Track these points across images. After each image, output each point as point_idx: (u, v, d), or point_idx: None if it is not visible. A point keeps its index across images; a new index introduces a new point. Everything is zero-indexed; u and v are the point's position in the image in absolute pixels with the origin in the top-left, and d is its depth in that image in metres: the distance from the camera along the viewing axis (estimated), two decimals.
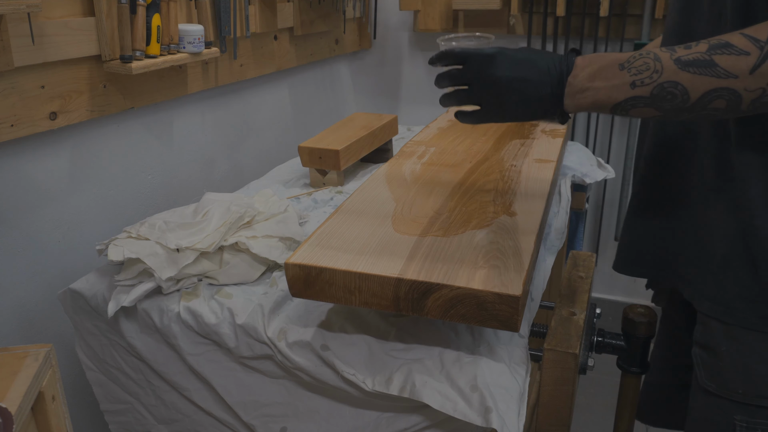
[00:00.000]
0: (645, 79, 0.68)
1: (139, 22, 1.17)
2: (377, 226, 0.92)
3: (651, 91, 0.68)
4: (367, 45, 2.32)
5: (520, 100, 0.76)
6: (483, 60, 0.77)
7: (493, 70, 0.76)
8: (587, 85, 0.72)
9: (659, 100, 0.68)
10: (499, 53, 0.76)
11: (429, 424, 0.87)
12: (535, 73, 0.75)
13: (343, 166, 1.43)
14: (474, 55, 0.78)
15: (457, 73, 0.80)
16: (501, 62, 0.76)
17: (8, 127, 1.06)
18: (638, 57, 0.69)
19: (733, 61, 0.63)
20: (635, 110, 0.70)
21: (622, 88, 0.69)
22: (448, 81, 0.81)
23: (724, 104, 0.65)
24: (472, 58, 0.78)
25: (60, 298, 1.09)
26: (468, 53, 0.78)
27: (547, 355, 0.88)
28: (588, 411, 1.93)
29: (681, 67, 0.66)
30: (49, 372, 0.68)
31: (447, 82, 0.82)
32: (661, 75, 0.67)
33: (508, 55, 0.76)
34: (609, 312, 2.12)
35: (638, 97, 0.69)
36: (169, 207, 1.44)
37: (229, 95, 1.64)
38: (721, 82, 0.64)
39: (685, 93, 0.66)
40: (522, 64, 0.75)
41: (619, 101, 0.70)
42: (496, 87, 0.76)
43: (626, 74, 0.69)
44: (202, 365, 1.00)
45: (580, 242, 1.85)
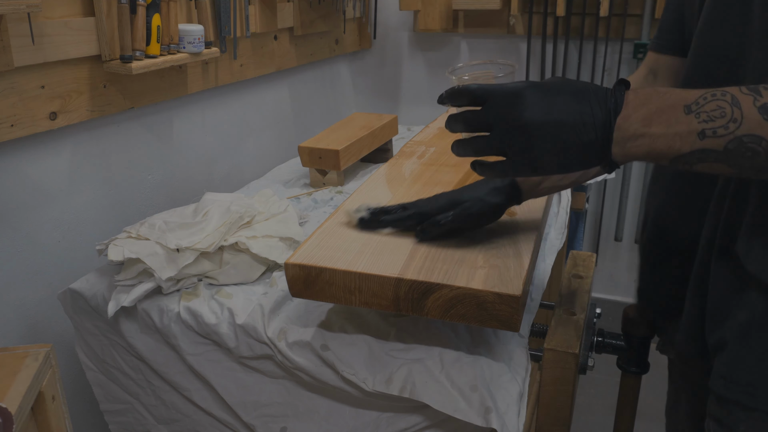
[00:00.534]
0: (718, 128, 0.54)
1: (139, 22, 1.17)
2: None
3: (726, 144, 0.55)
4: (367, 45, 2.32)
5: (557, 150, 0.61)
6: (507, 99, 0.62)
7: (521, 112, 0.61)
8: (642, 130, 0.57)
9: (736, 156, 0.55)
10: (527, 89, 0.62)
11: (429, 424, 0.87)
12: (576, 115, 0.60)
13: (343, 166, 1.43)
14: (496, 94, 0.63)
15: (474, 116, 0.65)
16: (531, 102, 0.61)
17: (8, 127, 1.06)
18: (710, 99, 0.55)
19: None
20: (703, 165, 0.57)
21: (688, 137, 0.56)
22: (462, 126, 0.66)
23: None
24: (493, 97, 0.63)
25: (60, 298, 1.09)
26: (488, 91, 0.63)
27: (547, 355, 0.88)
28: (588, 411, 1.93)
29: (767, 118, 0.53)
30: (49, 372, 0.68)
31: (461, 127, 0.66)
32: (740, 126, 0.54)
33: (539, 91, 0.61)
34: (609, 312, 2.12)
35: (708, 150, 0.55)
36: (169, 207, 1.44)
37: (229, 95, 1.64)
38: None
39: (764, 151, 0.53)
40: (558, 103, 0.60)
41: (683, 153, 0.56)
42: (526, 133, 0.61)
43: (693, 120, 0.55)
44: (202, 365, 1.00)
45: (580, 242, 1.85)
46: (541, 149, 0.61)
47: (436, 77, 2.32)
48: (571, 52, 2.10)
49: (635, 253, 2.26)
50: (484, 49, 2.22)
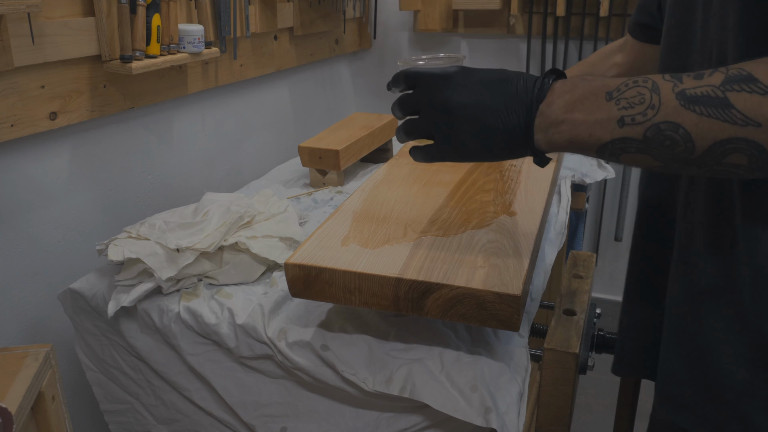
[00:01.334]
0: (636, 115, 0.51)
1: (139, 22, 1.17)
2: (377, 226, 0.92)
3: (644, 132, 0.51)
4: (367, 45, 2.32)
5: (478, 132, 0.59)
6: (435, 81, 0.61)
7: (446, 93, 0.60)
8: (563, 116, 0.55)
9: (656, 146, 0.51)
10: (456, 73, 0.61)
11: (429, 424, 0.87)
12: (500, 98, 0.58)
13: (343, 166, 1.43)
14: (425, 76, 0.63)
15: (405, 98, 0.65)
16: (457, 84, 0.60)
17: (8, 127, 1.06)
18: (631, 85, 0.52)
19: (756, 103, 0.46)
20: (627, 156, 0.53)
21: (608, 124, 0.53)
22: (397, 109, 0.66)
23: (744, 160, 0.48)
24: (422, 79, 0.63)
25: (60, 298, 1.09)
26: (419, 74, 0.63)
27: (547, 355, 0.88)
28: (588, 411, 1.93)
29: (684, 104, 0.49)
30: (49, 372, 0.68)
31: (397, 111, 0.66)
32: (657, 112, 0.50)
33: (467, 75, 0.61)
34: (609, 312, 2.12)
35: (628, 138, 0.52)
36: (169, 207, 1.44)
37: (229, 95, 1.64)
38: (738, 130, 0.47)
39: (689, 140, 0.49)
40: (484, 87, 0.59)
41: (605, 142, 0.53)
42: (448, 114, 0.60)
43: (613, 107, 0.52)
44: (202, 365, 1.00)
45: (580, 242, 1.85)
46: (463, 132, 0.60)
47: None
48: (571, 52, 2.10)
49: None
50: (484, 49, 2.23)
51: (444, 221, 0.93)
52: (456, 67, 0.62)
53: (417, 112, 0.64)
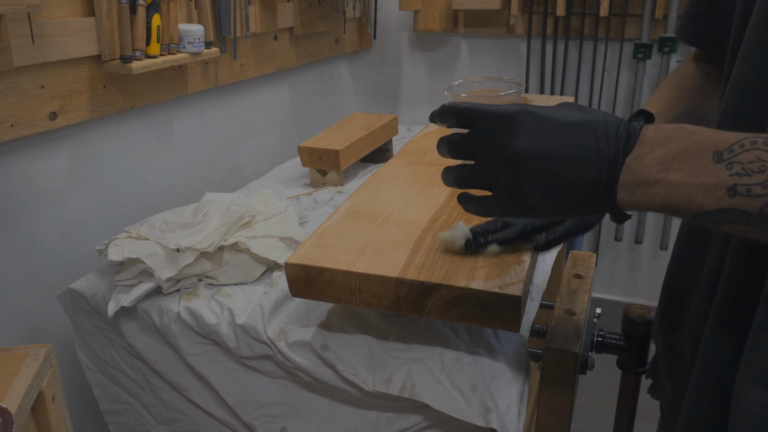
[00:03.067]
0: (754, 186, 0.42)
1: (139, 22, 1.17)
2: (377, 226, 0.92)
3: (762, 207, 0.43)
4: (367, 45, 2.32)
5: (549, 189, 0.50)
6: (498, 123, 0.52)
7: (511, 140, 0.51)
8: (657, 176, 0.46)
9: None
10: (522, 113, 0.51)
11: (429, 424, 0.87)
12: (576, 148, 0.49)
13: (343, 166, 1.43)
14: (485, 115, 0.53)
15: (459, 140, 0.55)
16: (524, 128, 0.51)
17: (8, 127, 1.06)
18: (749, 147, 0.43)
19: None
20: (731, 226, 0.45)
21: (715, 192, 0.44)
22: (447, 150, 0.56)
23: None
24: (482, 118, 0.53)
25: (60, 298, 1.09)
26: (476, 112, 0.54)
27: (547, 355, 0.88)
28: (588, 411, 1.93)
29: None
30: (49, 372, 0.68)
31: (446, 151, 0.56)
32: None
33: (536, 116, 0.51)
34: (609, 312, 2.12)
35: (739, 210, 0.43)
36: (169, 207, 1.44)
37: (229, 95, 1.64)
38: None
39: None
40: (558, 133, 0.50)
41: (707, 210, 0.45)
42: (514, 166, 0.51)
43: (724, 171, 0.44)
44: (202, 365, 1.00)
45: (580, 242, 1.85)
46: (530, 186, 0.51)
47: (436, 77, 2.32)
48: (571, 52, 2.10)
49: (635, 253, 2.27)
50: (484, 49, 2.22)
51: (444, 221, 0.93)
52: (520, 107, 0.52)
53: (473, 157, 0.54)
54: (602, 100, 2.13)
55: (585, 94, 2.14)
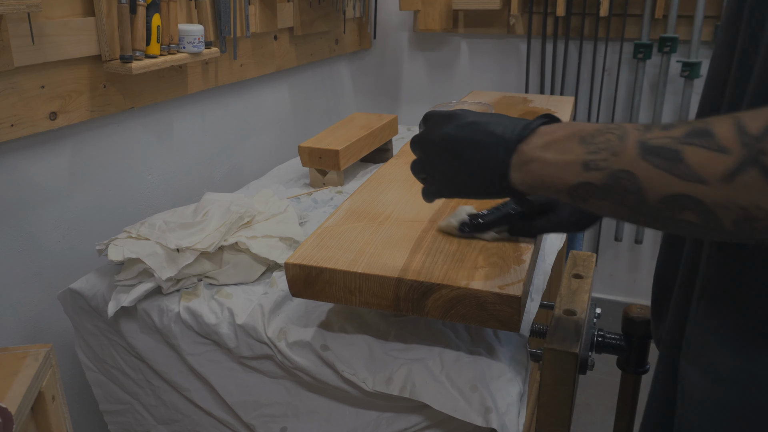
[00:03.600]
0: (600, 161, 0.49)
1: (139, 22, 1.17)
2: (377, 226, 0.92)
3: (604, 179, 0.49)
4: (367, 45, 2.32)
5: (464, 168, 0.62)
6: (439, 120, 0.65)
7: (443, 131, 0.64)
8: (536, 154, 0.55)
9: (612, 194, 0.49)
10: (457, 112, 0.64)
11: (429, 424, 0.87)
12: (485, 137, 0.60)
13: (343, 166, 1.43)
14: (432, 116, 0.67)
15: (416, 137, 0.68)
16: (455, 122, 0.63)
17: (8, 127, 1.06)
18: (604, 131, 0.51)
19: (705, 159, 0.43)
20: (593, 202, 0.51)
21: (575, 167, 0.51)
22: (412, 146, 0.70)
23: (695, 218, 0.45)
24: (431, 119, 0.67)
25: (60, 298, 1.09)
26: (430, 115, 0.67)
27: (547, 355, 0.88)
28: (588, 411, 1.93)
29: (642, 154, 0.47)
30: (49, 372, 0.68)
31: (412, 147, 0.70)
32: (618, 159, 0.48)
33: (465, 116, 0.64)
34: (609, 312, 2.12)
35: (590, 184, 0.50)
36: (169, 207, 1.44)
37: (229, 95, 1.64)
38: (684, 186, 0.44)
39: (641, 191, 0.47)
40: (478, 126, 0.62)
41: (571, 185, 0.52)
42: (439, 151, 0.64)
43: (583, 150, 0.51)
44: (202, 365, 1.00)
45: (580, 242, 1.85)
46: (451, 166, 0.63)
47: (436, 77, 2.32)
48: (571, 52, 2.10)
49: (635, 253, 2.26)
50: (484, 49, 2.22)
51: None
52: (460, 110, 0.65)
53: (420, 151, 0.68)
54: (602, 100, 2.13)
55: (585, 94, 2.14)
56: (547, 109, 1.56)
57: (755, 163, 0.41)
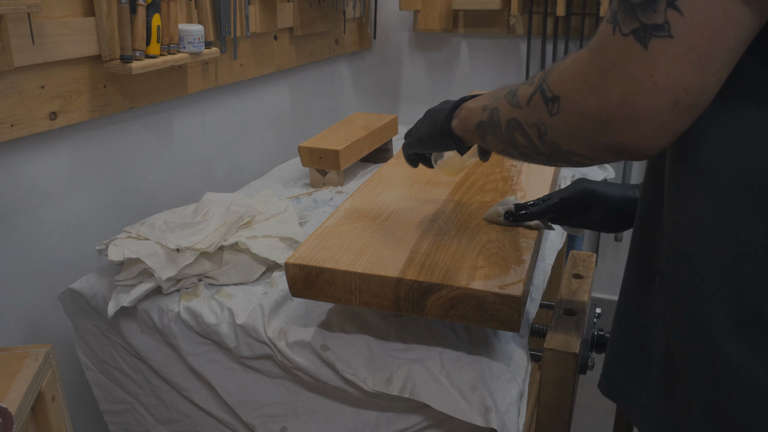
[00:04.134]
0: (489, 105, 0.64)
1: (139, 22, 1.17)
2: (377, 226, 0.92)
3: (488, 116, 0.65)
4: (367, 45, 2.32)
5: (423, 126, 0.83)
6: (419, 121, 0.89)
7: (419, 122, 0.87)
8: (465, 105, 0.74)
9: (492, 127, 0.64)
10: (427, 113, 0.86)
11: (429, 424, 0.87)
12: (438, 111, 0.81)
13: (343, 166, 1.43)
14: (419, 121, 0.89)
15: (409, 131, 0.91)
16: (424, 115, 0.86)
17: (8, 127, 1.06)
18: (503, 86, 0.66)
19: (523, 90, 0.58)
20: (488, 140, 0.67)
21: (479, 111, 0.67)
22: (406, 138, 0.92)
23: (522, 139, 0.59)
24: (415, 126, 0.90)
25: (60, 298, 1.09)
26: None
27: (547, 355, 0.88)
28: (588, 411, 1.93)
29: (505, 95, 0.62)
30: (49, 372, 0.68)
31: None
32: (496, 102, 0.64)
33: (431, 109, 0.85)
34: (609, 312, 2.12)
35: (483, 122, 0.66)
36: (169, 207, 1.44)
37: (229, 95, 1.64)
38: (513, 111, 0.59)
39: (498, 121, 0.62)
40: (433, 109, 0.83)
41: (474, 123, 0.68)
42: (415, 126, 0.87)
43: (487, 99, 0.67)
44: (202, 365, 1.00)
45: (580, 242, 1.85)
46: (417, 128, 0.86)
47: (436, 77, 2.32)
48: (572, 52, 2.10)
49: None
50: (484, 49, 2.22)
51: (445, 222, 0.93)
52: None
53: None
54: None
55: None
56: None
57: (539, 88, 0.55)
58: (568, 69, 0.52)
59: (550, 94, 0.53)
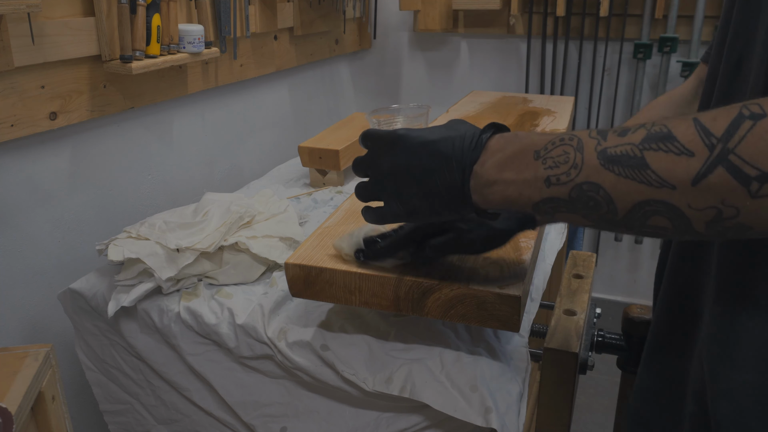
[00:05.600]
0: (561, 175, 0.50)
1: (139, 22, 1.17)
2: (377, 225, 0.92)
3: (569, 192, 0.50)
4: (367, 45, 2.32)
5: (424, 193, 0.60)
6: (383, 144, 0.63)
7: (391, 157, 0.62)
8: (495, 176, 0.55)
9: (581, 206, 0.50)
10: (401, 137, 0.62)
11: (429, 424, 0.87)
12: (437, 161, 0.58)
13: (343, 166, 1.43)
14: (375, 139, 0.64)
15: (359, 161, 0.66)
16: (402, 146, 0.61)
17: (8, 127, 1.06)
18: (558, 143, 0.51)
19: (670, 164, 0.44)
20: (560, 215, 0.52)
21: (536, 184, 0.52)
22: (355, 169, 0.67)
23: (667, 223, 0.46)
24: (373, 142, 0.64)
25: (60, 298, 1.09)
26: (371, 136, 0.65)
27: (547, 355, 0.88)
28: (588, 411, 1.93)
29: (605, 164, 0.47)
30: (49, 372, 0.68)
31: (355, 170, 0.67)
32: (580, 172, 0.49)
33: (411, 137, 0.61)
34: (609, 312, 2.12)
35: (556, 198, 0.51)
36: (169, 207, 1.44)
37: (229, 95, 1.64)
38: (654, 192, 0.45)
39: (611, 201, 0.47)
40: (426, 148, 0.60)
41: (536, 201, 0.52)
42: (390, 179, 0.62)
43: (540, 166, 0.51)
44: (202, 365, 1.00)
45: (580, 242, 1.85)
46: (408, 193, 0.61)
47: (436, 77, 2.32)
48: (571, 52, 2.10)
49: (635, 253, 2.26)
50: (484, 49, 2.22)
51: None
52: (400, 131, 0.62)
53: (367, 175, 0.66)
54: (602, 100, 2.13)
55: (585, 94, 2.14)
56: (547, 109, 1.56)
57: (721, 162, 0.42)
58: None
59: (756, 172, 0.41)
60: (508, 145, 0.55)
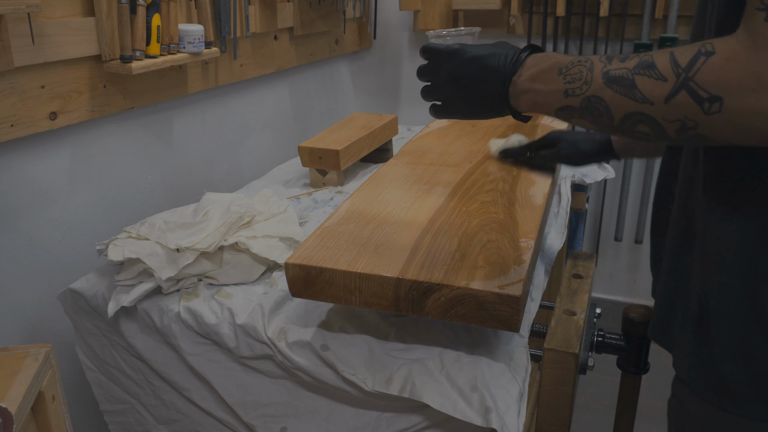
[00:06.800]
0: (576, 89, 0.64)
1: (139, 22, 1.17)
2: (377, 226, 0.92)
3: (580, 103, 0.64)
4: (367, 45, 2.32)
5: (469, 98, 0.76)
6: (442, 57, 0.78)
7: (448, 67, 0.77)
8: (528, 86, 0.70)
9: (588, 114, 0.64)
10: (457, 51, 0.76)
11: (429, 424, 0.87)
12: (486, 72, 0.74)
13: (343, 166, 1.43)
14: (436, 52, 0.78)
15: (422, 68, 0.81)
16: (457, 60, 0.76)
17: (8, 127, 1.06)
18: (576, 63, 0.65)
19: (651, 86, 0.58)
20: (575, 120, 0.66)
21: (557, 95, 0.66)
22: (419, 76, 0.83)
23: (648, 130, 0.60)
24: (434, 54, 0.79)
25: (60, 298, 1.09)
26: (432, 50, 0.79)
27: (547, 355, 0.88)
28: (588, 411, 1.93)
29: (606, 83, 0.61)
30: (49, 372, 0.68)
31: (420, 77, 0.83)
32: (589, 87, 0.63)
33: (465, 52, 0.76)
34: (609, 312, 2.12)
35: (571, 107, 0.65)
36: (169, 207, 1.44)
37: (229, 95, 1.64)
38: (639, 106, 0.59)
39: (609, 112, 0.62)
40: (475, 62, 0.74)
41: (557, 108, 0.67)
42: (449, 84, 0.77)
43: (561, 81, 0.66)
44: (202, 365, 1.00)
45: (580, 242, 1.85)
46: (459, 97, 0.77)
47: None
48: (571, 52, 2.10)
49: (635, 253, 2.26)
50: None
51: (444, 221, 0.93)
52: (458, 45, 0.76)
53: (429, 81, 0.80)
54: None
55: None
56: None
57: (684, 87, 0.55)
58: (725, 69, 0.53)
59: (707, 95, 0.54)
60: (539, 62, 0.69)
